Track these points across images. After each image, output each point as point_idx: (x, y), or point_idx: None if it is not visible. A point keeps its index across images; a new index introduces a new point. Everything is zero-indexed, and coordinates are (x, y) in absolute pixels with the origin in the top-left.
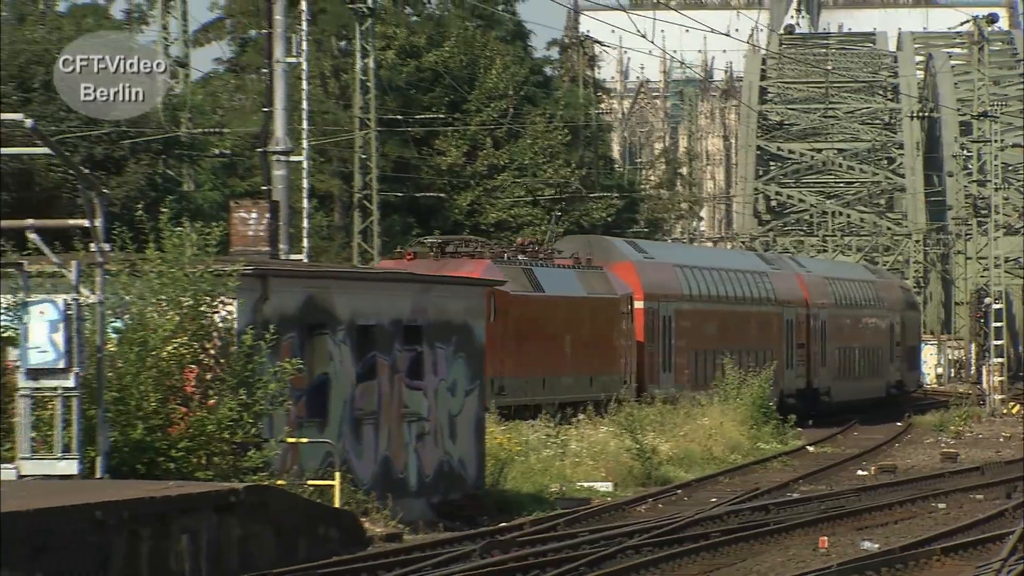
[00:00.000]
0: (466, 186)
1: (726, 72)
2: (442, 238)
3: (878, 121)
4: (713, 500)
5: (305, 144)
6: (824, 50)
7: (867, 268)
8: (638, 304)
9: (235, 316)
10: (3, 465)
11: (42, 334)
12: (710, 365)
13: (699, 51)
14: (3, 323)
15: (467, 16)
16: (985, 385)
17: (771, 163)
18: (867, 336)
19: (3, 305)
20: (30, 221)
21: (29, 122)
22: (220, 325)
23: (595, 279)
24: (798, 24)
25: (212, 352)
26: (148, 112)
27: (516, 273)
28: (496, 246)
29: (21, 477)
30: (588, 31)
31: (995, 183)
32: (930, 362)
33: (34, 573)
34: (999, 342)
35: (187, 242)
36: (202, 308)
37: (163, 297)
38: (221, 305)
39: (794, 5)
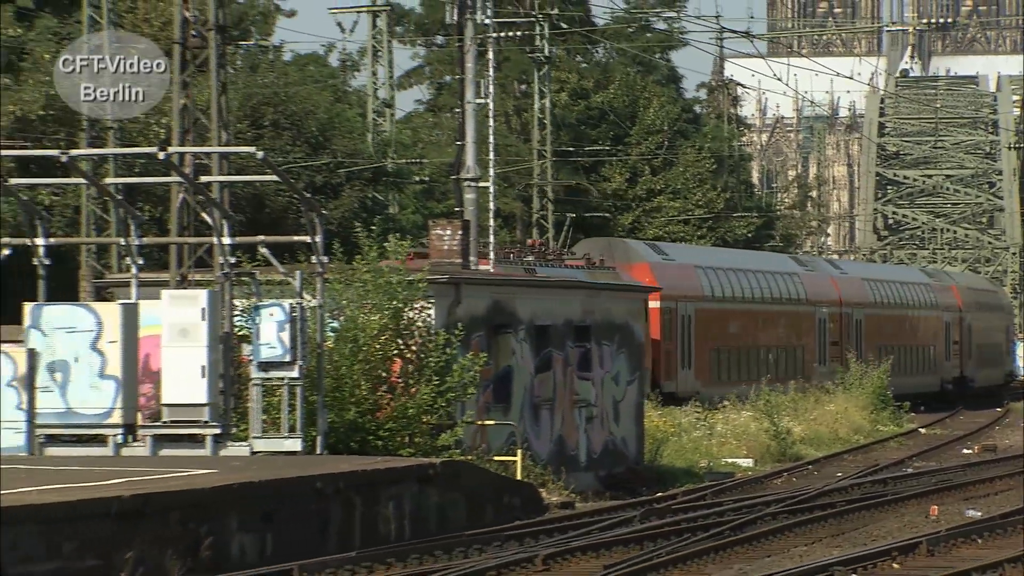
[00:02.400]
0: (627, 207)
1: (849, 110)
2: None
3: (980, 151)
4: (839, 474)
5: (491, 172)
6: (934, 91)
7: (924, 272)
8: (653, 304)
9: (433, 317)
10: (239, 443)
11: (271, 333)
12: (735, 362)
13: (826, 92)
14: (239, 323)
15: (629, 63)
16: None
17: (888, 187)
18: (915, 335)
19: (239, 308)
20: (261, 238)
21: (260, 154)
22: (420, 324)
23: (605, 279)
24: (911, 68)
25: (413, 347)
26: (360, 146)
27: (518, 272)
28: (507, 246)
29: (254, 453)
30: (732, 75)
31: None
32: None
33: (265, 535)
34: None
35: (390, 254)
36: (404, 310)
37: (371, 301)
38: (421, 308)
39: (908, 52)
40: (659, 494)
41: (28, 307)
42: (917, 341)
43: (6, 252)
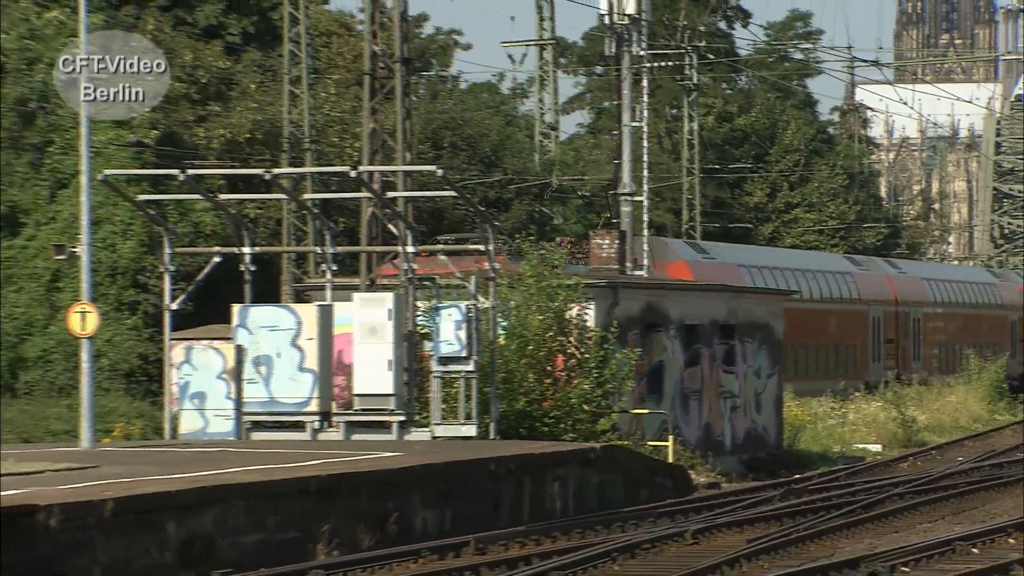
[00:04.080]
0: (768, 219)
1: (969, 130)
2: (459, 236)
3: None
4: (960, 458)
5: (645, 187)
6: None
7: (991, 272)
8: None
9: (592, 317)
10: (421, 429)
11: (450, 331)
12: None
13: (948, 115)
14: (421, 323)
15: (769, 89)
16: None
17: (1004, 200)
18: (977, 332)
19: (421, 309)
20: (440, 247)
21: (440, 172)
22: (580, 323)
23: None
24: None
25: (574, 344)
26: (528, 164)
27: None
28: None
29: (434, 438)
30: (862, 100)
31: None
32: None
33: (444, 511)
34: None
35: (550, 260)
36: (565, 311)
37: (536, 303)
38: (582, 309)
39: (1023, 79)
40: (797, 476)
41: (236, 308)
42: (978, 339)
43: (217, 259)
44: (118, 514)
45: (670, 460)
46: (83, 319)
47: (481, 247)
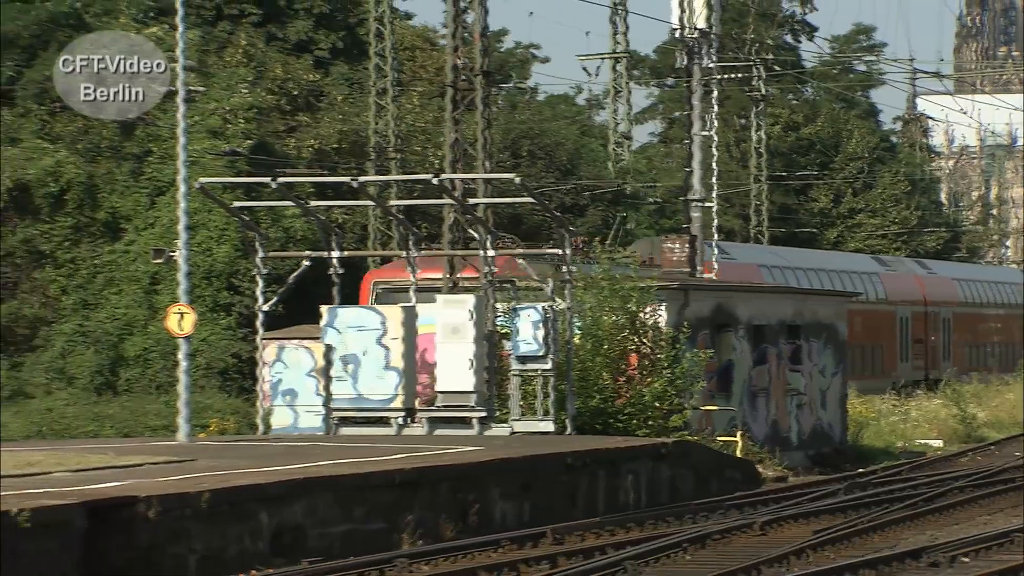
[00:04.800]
0: (832, 224)
1: None
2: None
3: None
4: (1017, 454)
5: (714, 194)
6: None
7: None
8: None
9: (664, 317)
10: (500, 424)
11: (528, 331)
12: None
13: (1006, 124)
14: (500, 323)
15: (833, 100)
16: None
17: None
18: (1008, 332)
19: (500, 310)
20: (519, 251)
21: (518, 179)
22: (652, 324)
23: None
24: None
25: (647, 343)
26: (602, 172)
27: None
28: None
29: (513, 433)
30: (923, 110)
31: None
32: None
33: (523, 503)
34: None
35: (624, 263)
36: (637, 312)
37: (609, 305)
38: (654, 310)
39: None
40: (860, 470)
41: (325, 309)
42: (1011, 338)
43: (306, 263)
44: (213, 505)
45: (739, 455)
46: (180, 320)
47: (557, 251)
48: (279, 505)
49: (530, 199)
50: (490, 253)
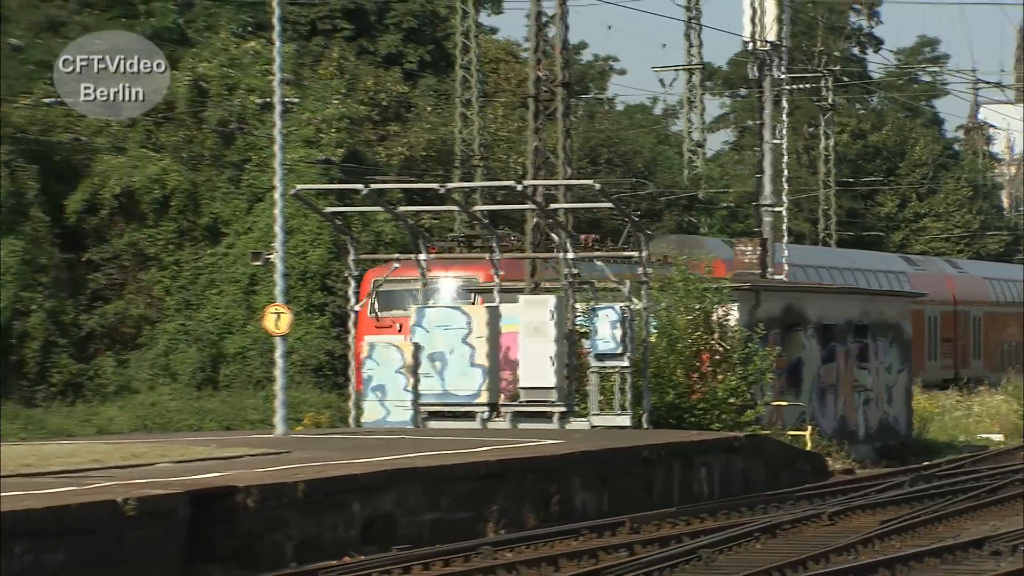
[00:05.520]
0: (897, 228)
1: None
2: (470, 234)
3: None
4: None
5: (784, 199)
6: None
7: None
8: None
9: (736, 317)
10: (580, 419)
11: (606, 330)
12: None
13: None
14: (579, 322)
15: (899, 109)
16: None
17: None
18: None
19: (580, 310)
20: (597, 253)
21: (597, 185)
22: (725, 323)
23: None
24: None
25: (720, 342)
26: (677, 179)
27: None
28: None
29: (592, 427)
30: (985, 119)
31: None
32: None
33: (602, 493)
34: None
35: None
36: (711, 312)
37: (684, 305)
38: (727, 310)
39: None
40: (925, 463)
41: (413, 309)
42: None
43: (396, 265)
44: (309, 495)
45: (808, 448)
46: (277, 319)
47: (635, 254)
48: (370, 495)
49: (608, 204)
50: (570, 256)
